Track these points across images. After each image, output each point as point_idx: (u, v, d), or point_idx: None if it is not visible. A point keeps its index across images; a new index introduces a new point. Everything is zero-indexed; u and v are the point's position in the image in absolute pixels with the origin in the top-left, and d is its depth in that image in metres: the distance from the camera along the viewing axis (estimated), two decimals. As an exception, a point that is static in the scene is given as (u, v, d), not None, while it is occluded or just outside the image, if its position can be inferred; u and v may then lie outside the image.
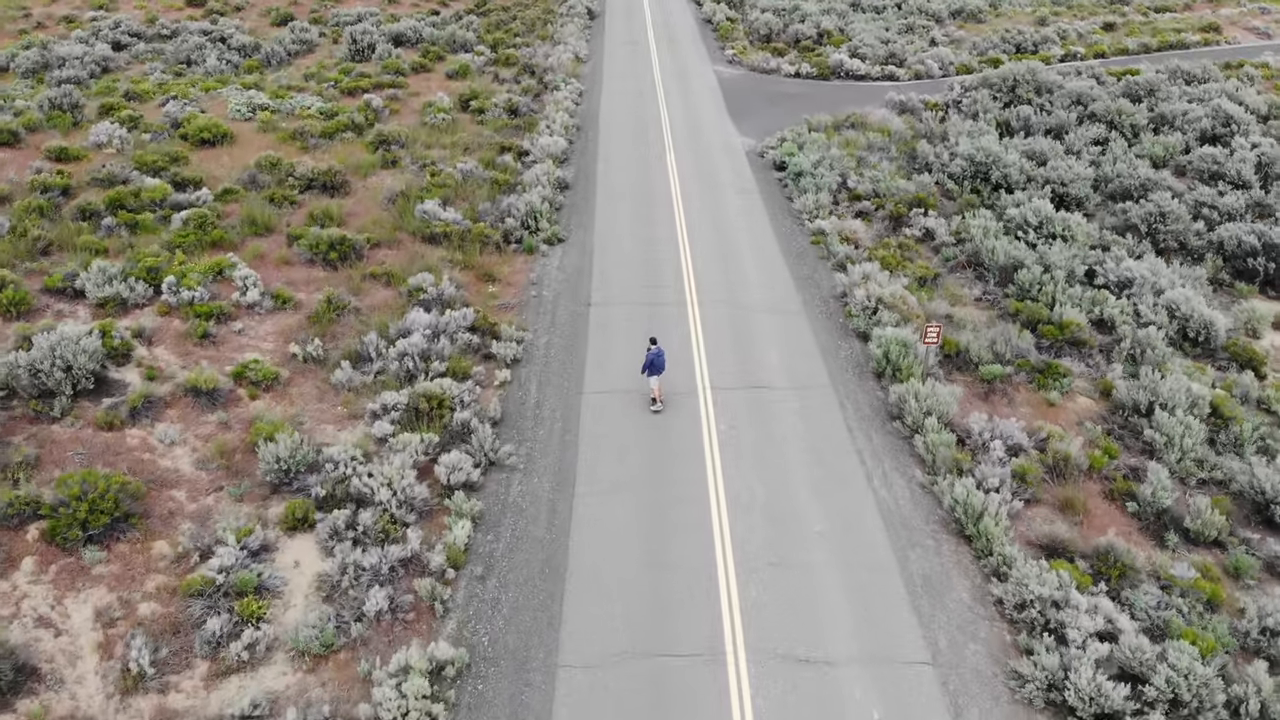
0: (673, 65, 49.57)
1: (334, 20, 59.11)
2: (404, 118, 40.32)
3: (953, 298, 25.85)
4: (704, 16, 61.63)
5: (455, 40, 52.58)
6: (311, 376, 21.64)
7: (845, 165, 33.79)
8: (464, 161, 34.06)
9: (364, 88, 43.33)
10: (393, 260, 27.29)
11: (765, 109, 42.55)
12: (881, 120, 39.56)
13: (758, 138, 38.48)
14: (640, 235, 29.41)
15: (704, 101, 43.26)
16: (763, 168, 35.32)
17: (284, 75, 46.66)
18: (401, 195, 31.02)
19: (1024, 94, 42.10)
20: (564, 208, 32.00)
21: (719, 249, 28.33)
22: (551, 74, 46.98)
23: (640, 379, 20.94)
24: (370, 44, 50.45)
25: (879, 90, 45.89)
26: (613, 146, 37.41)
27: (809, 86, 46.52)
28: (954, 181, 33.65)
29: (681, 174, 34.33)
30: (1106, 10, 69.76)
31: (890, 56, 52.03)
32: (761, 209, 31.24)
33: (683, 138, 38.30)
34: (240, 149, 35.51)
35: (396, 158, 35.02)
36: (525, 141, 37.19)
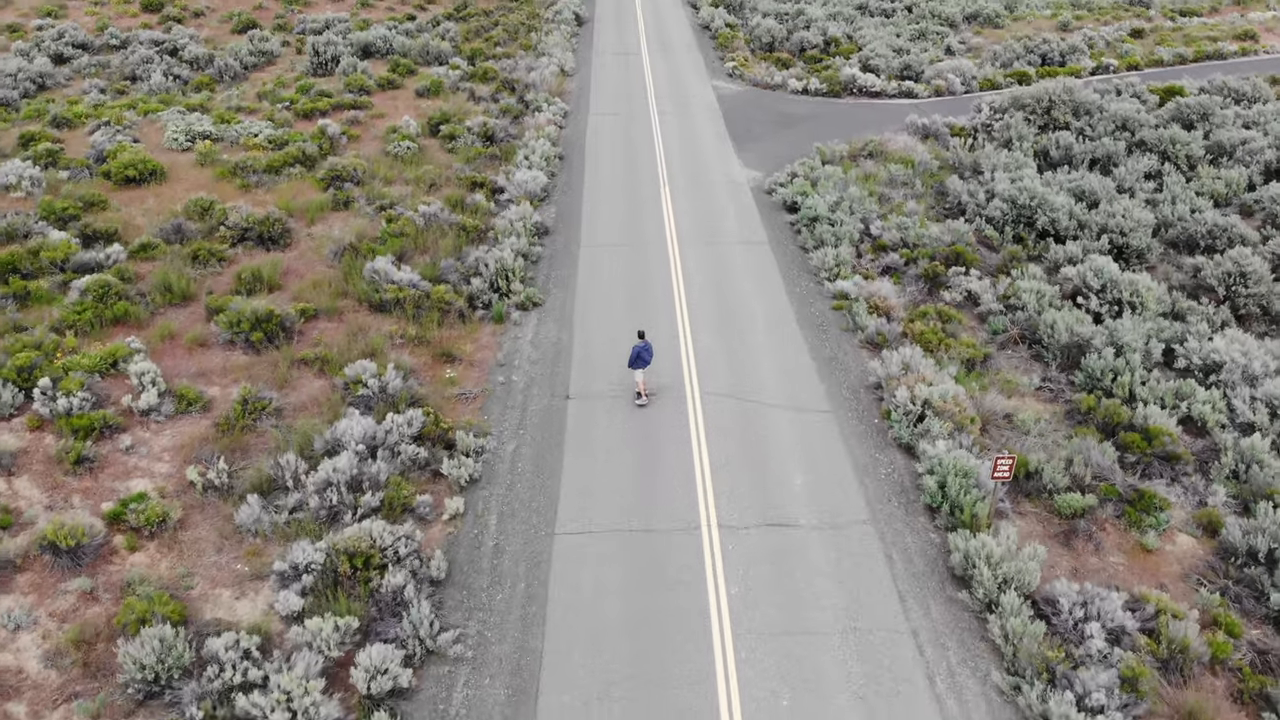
0: (668, 80, 44.92)
1: (299, 27, 54.42)
2: (365, 145, 35.65)
3: (1008, 386, 21.33)
4: (701, 22, 56.96)
5: (429, 51, 47.88)
6: (211, 514, 17.07)
7: (866, 207, 29.22)
8: (427, 203, 29.44)
9: (322, 109, 38.64)
10: (332, 335, 22.70)
11: (772, 133, 37.95)
12: (903, 148, 34.99)
13: (765, 170, 33.89)
14: (631, 299, 24.86)
15: (703, 125, 38.64)
16: (772, 209, 30.73)
17: (236, 94, 41.94)
18: (350, 249, 26.40)
19: (1061, 116, 37.57)
20: (542, 260, 27.41)
21: (724, 319, 23.78)
22: (533, 92, 42.31)
23: (638, 510, 16.53)
24: (334, 56, 45.76)
25: (896, 110, 41.30)
26: (600, 182, 32.80)
27: (819, 105, 41.91)
28: (993, 227, 29.11)
29: (678, 218, 29.74)
30: (1129, 13, 65.26)
31: (905, 69, 47.44)
32: (772, 265, 26.66)
33: (680, 171, 33.70)
34: (171, 188, 30.86)
35: (350, 198, 30.39)
36: (500, 176, 32.58)
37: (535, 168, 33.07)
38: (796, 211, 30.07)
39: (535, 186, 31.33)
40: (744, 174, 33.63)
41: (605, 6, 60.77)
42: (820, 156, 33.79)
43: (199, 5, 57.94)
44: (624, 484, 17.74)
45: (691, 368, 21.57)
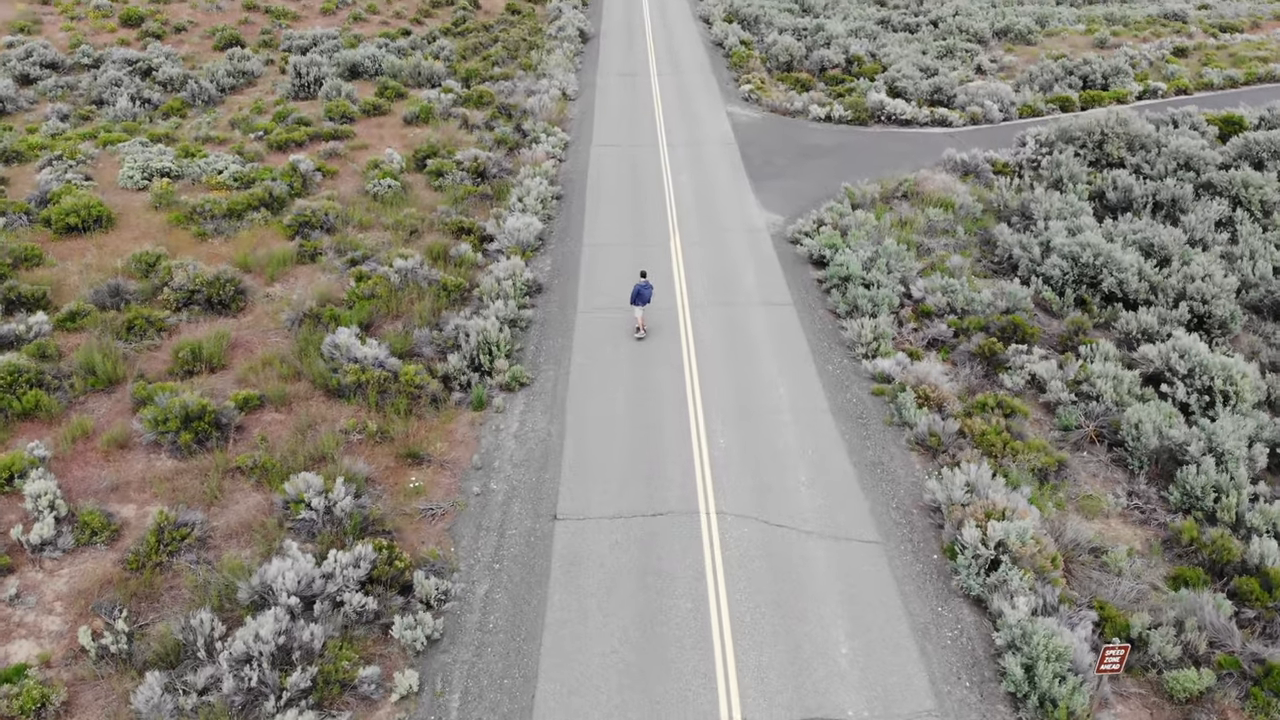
0: (679, 105, 41.30)
1: (286, 43, 51.04)
2: (342, 183, 32.11)
3: (1089, 505, 17.61)
4: (714, 39, 53.35)
5: (420, 72, 44.38)
6: (104, 695, 13.49)
7: (905, 263, 25.50)
8: (405, 255, 25.86)
9: (298, 140, 35.13)
10: (278, 432, 19.12)
11: (793, 168, 34.28)
12: (941, 188, 31.28)
13: (787, 213, 30.22)
14: (634, 378, 21.23)
15: (717, 159, 35.01)
16: (796, 262, 27.05)
17: (207, 120, 38.48)
18: (310, 316, 22.83)
19: (1114, 151, 33.82)
20: (532, 327, 23.80)
21: (745, 408, 20.14)
22: (531, 119, 38.75)
23: (637, 703, 12.88)
24: (317, 78, 42.28)
25: (929, 140, 37.60)
26: (601, 228, 29.19)
27: (844, 134, 38.23)
28: (1051, 288, 25.39)
29: (690, 273, 26.10)
30: (1167, 29, 61.47)
31: (936, 92, 43.74)
32: (799, 334, 22.98)
33: (691, 214, 30.06)
34: (117, 237, 27.38)
35: (318, 248, 26.84)
36: (490, 221, 28.99)
37: (530, 211, 29.48)
38: (825, 266, 26.41)
39: (529, 235, 27.73)
40: (763, 218, 29.96)
41: (612, 21, 57.23)
42: (849, 199, 30.10)
43: (181, 20, 54.65)
44: (619, 654, 14.08)
45: (706, 478, 17.89)
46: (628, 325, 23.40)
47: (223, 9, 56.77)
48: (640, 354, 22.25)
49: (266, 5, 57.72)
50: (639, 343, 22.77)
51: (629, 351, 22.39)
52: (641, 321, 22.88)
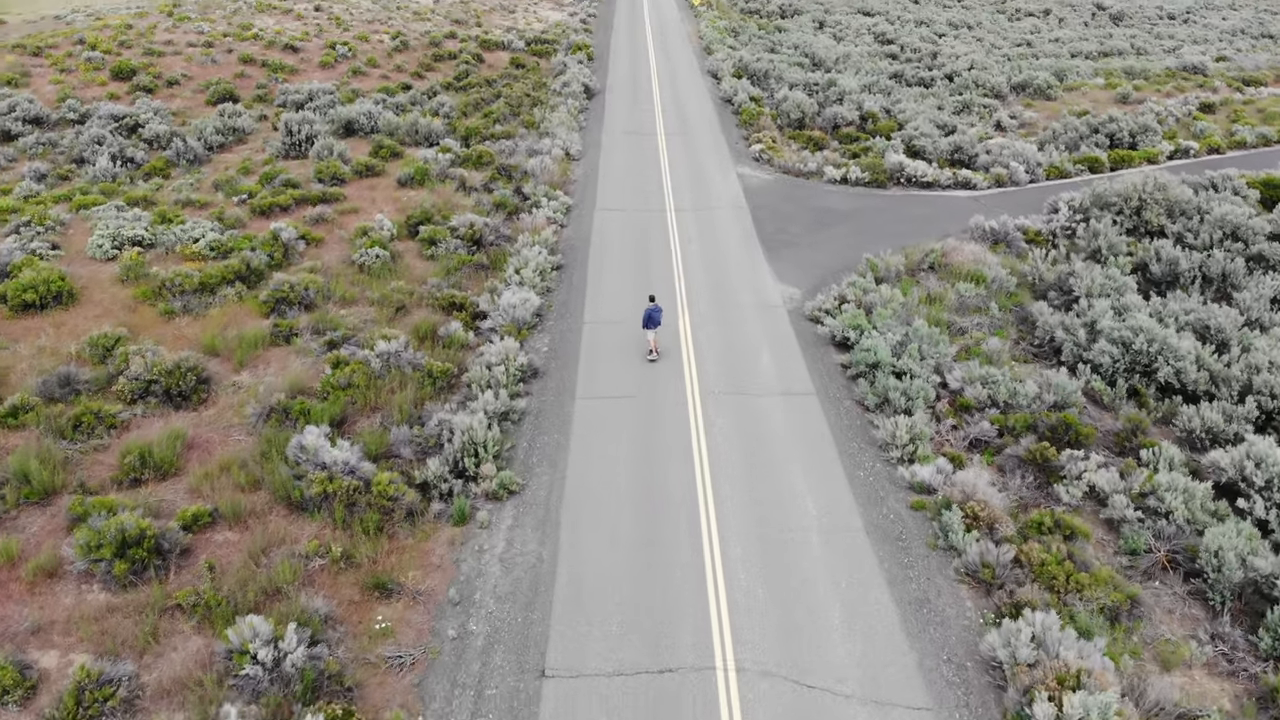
0: (687, 166, 39.30)
1: (281, 98, 49.36)
2: (327, 252, 29.96)
3: (1167, 653, 15.01)
4: (723, 95, 51.61)
5: (418, 130, 42.53)
6: None
7: (939, 348, 23.10)
8: (388, 336, 23.57)
9: (283, 204, 33.08)
10: (230, 556, 16.65)
11: (809, 235, 32.09)
12: (971, 260, 29.02)
13: (804, 287, 27.93)
14: (639, 484, 18.76)
15: (728, 225, 32.85)
16: (817, 344, 24.68)
17: (190, 182, 36.54)
18: (277, 410, 20.46)
19: (1154, 219, 31.59)
20: (526, 419, 21.39)
21: (766, 525, 17.67)
22: (532, 181, 36.75)
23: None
24: (309, 136, 40.43)
25: (953, 204, 35.46)
26: (604, 303, 26.92)
27: (862, 198, 36.10)
28: (1100, 377, 22.95)
29: (700, 356, 23.75)
30: (1189, 82, 59.74)
31: (956, 151, 41.76)
32: (824, 432, 20.53)
33: (701, 287, 27.79)
34: (78, 315, 25.18)
35: (294, 328, 24.58)
36: (484, 296, 26.74)
37: (527, 285, 27.24)
38: (849, 349, 24.04)
39: (525, 312, 25.45)
40: (779, 292, 27.67)
41: (618, 76, 55.63)
42: (872, 272, 27.82)
43: (175, 73, 53.16)
44: None
45: (723, 620, 15.34)
46: (632, 413, 21.00)
47: (218, 62, 55.36)
48: (646, 453, 19.80)
49: (264, 58, 56.33)
50: (645, 439, 20.34)
51: (632, 449, 19.95)
52: (655, 344, 23.57)
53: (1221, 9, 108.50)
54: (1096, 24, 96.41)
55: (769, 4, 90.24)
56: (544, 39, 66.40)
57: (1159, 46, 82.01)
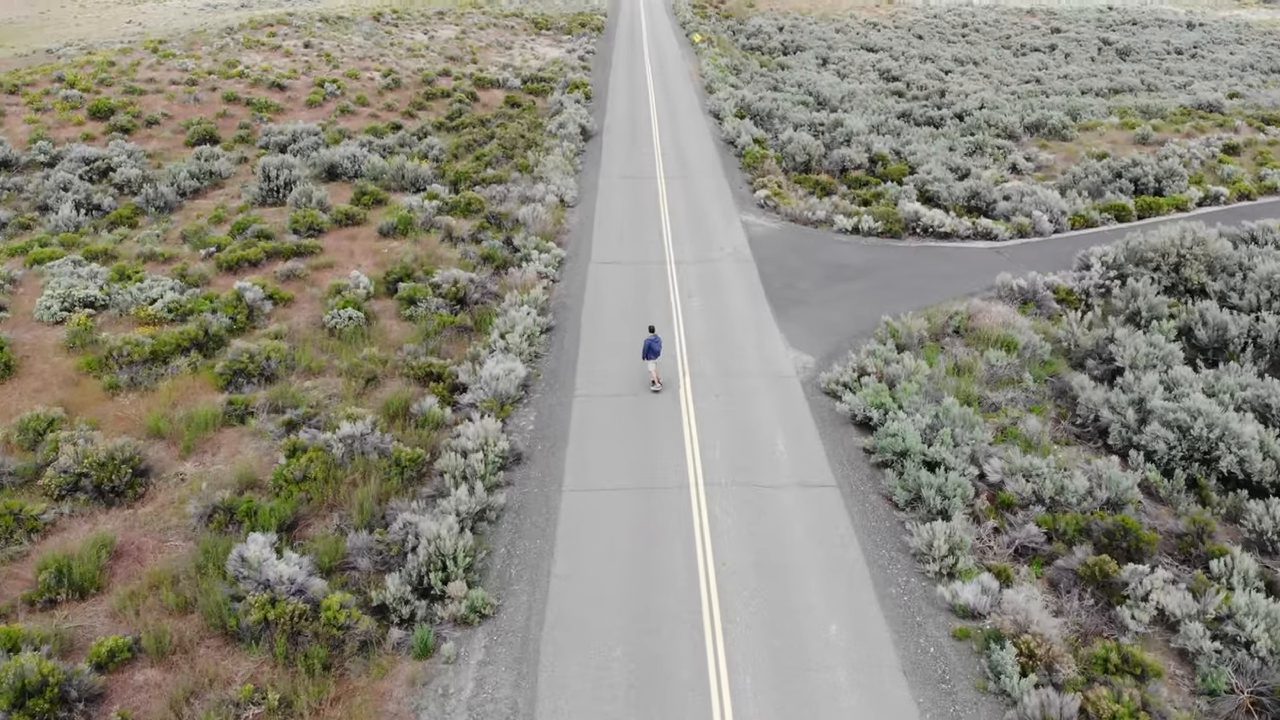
0: (688, 213, 36.96)
1: (264, 139, 47.21)
2: (296, 313, 27.49)
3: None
4: (725, 136, 49.43)
5: (404, 175, 40.25)
6: None
7: (973, 431, 20.51)
8: (354, 416, 21.01)
9: (253, 259, 30.67)
10: (150, 701, 14.03)
11: (821, 292, 29.63)
12: (1000, 322, 26.52)
13: (818, 354, 25.41)
14: (635, 605, 16.14)
15: (733, 280, 30.40)
16: (836, 423, 22.09)
17: (157, 232, 34.21)
18: (221, 510, 17.84)
19: (1193, 276, 29.15)
20: (505, 517, 18.78)
21: (785, 657, 15.09)
22: (524, 231, 34.37)
23: None
24: (288, 181, 38.12)
25: (974, 257, 33.04)
26: (598, 372, 24.39)
27: (876, 250, 33.69)
28: (1154, 465, 20.33)
29: (705, 438, 21.18)
30: (1208, 121, 57.66)
31: (973, 197, 39.44)
32: (850, 537, 17.89)
33: (705, 353, 25.27)
34: (14, 390, 22.66)
35: (250, 406, 22.02)
36: (465, 366, 24.18)
37: (513, 351, 24.71)
38: (872, 430, 21.45)
39: (509, 384, 22.90)
40: (790, 359, 25.14)
41: (616, 116, 53.53)
42: (893, 338, 25.30)
43: (155, 112, 51.07)
44: None
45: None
46: (627, 511, 18.40)
47: (201, 101, 53.33)
48: (643, 564, 17.16)
49: (249, 97, 54.30)
50: (642, 547, 17.70)
51: (627, 561, 17.31)
52: (656, 374, 23.27)
53: (1228, 44, 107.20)
54: (1104, 59, 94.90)
55: (770, 40, 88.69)
56: (541, 77, 64.52)
57: (1169, 82, 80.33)
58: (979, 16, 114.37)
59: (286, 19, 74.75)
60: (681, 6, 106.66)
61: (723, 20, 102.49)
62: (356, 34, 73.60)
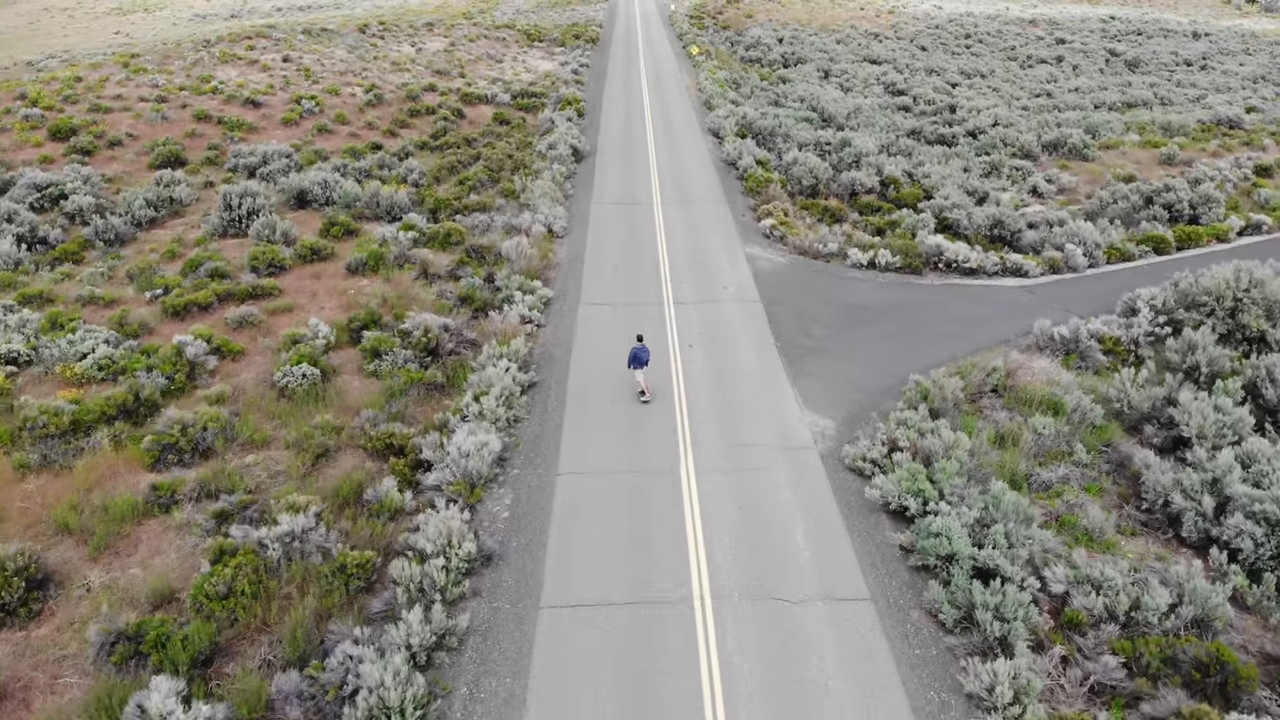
0: (688, 245, 33.84)
1: (232, 161, 44.10)
2: (245, 369, 24.29)
3: None
4: (726, 157, 46.35)
5: (379, 202, 37.10)
6: None
7: (1029, 528, 17.31)
8: (297, 507, 17.79)
9: (203, 302, 27.48)
10: None
11: (838, 340, 26.47)
12: (1043, 379, 23.40)
13: (838, 417, 22.26)
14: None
15: (738, 326, 27.26)
16: (864, 512, 18.90)
17: (104, 270, 31.05)
18: (125, 639, 14.61)
19: (1252, 322, 26.03)
20: (469, 641, 15.55)
21: None
22: (507, 267, 31.23)
23: None
24: (251, 211, 34.95)
25: (1005, 298, 29.93)
26: (586, 444, 21.22)
27: (895, 289, 30.57)
28: (1239, 565, 17.14)
29: (711, 534, 18.00)
30: (1234, 139, 54.73)
31: (996, 226, 36.39)
32: (891, 677, 14.74)
33: (708, 417, 22.11)
34: (-100, 469, 19.34)
35: (178, 490, 18.78)
36: (431, 437, 20.96)
37: (488, 419, 21.52)
38: (908, 520, 18.25)
39: (481, 461, 19.71)
40: (807, 424, 21.96)
41: (610, 135, 50.45)
42: (925, 400, 22.14)
43: (120, 132, 47.96)
44: None
45: None
46: (619, 636, 15.19)
47: (169, 119, 50.22)
48: (638, 709, 13.92)
49: (221, 115, 51.21)
50: (637, 690, 14.44)
51: (617, 700, 14.07)
52: (645, 384, 22.68)
53: (1236, 54, 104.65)
54: (1112, 70, 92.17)
55: (770, 52, 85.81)
56: (531, 92, 61.52)
57: (1183, 95, 77.64)
58: (981, 27, 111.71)
59: (266, 31, 71.70)
60: (678, 17, 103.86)
61: (720, 31, 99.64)
62: (340, 47, 70.56)
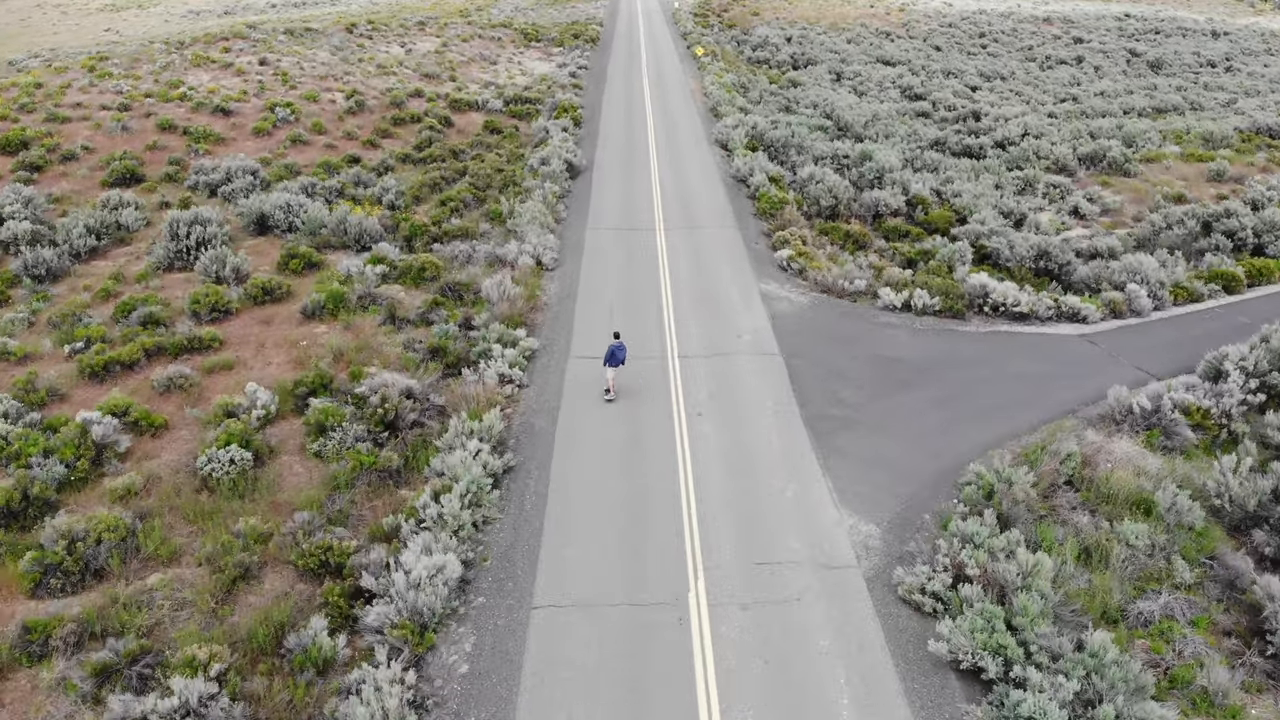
0: (694, 282, 29.71)
1: (193, 178, 40.03)
2: (167, 447, 20.21)
3: None
4: (735, 173, 42.18)
5: (347, 229, 32.95)
6: None
7: (1143, 701, 13.16)
8: (195, 667, 13.70)
9: (127, 360, 23.40)
10: None
11: (874, 408, 22.33)
12: (1126, 466, 19.28)
13: (883, 520, 18.14)
14: None
15: (756, 388, 23.15)
16: (926, 670, 14.80)
17: (24, 315, 26.99)
18: None
19: (1367, 387, 21.80)
20: None
21: None
22: (488, 309, 27.13)
23: None
24: (201, 241, 30.85)
25: (1065, 351, 25.80)
26: (570, 562, 17.13)
27: (937, 339, 26.43)
28: None
29: (731, 706, 13.79)
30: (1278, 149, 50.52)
31: (1042, 257, 32.25)
32: None
33: (724, 528, 18.01)
34: None
35: (56, 631, 14.67)
36: (375, 553, 16.83)
37: (449, 526, 17.43)
38: (983, 682, 14.09)
39: (435, 595, 15.70)
40: (845, 529, 17.83)
41: (609, 148, 46.28)
42: (989, 498, 17.97)
43: (76, 144, 43.86)
44: None
45: None
46: None
47: (131, 130, 46.10)
48: None
49: (187, 124, 47.09)
50: None
51: None
52: (612, 383, 21.99)
53: (1258, 54, 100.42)
54: (1135, 72, 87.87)
55: (778, 53, 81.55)
56: (526, 97, 57.38)
57: (1213, 100, 73.63)
58: (996, 25, 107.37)
59: (245, 32, 67.55)
60: (682, 15, 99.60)
61: (726, 30, 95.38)
62: (324, 48, 66.40)
